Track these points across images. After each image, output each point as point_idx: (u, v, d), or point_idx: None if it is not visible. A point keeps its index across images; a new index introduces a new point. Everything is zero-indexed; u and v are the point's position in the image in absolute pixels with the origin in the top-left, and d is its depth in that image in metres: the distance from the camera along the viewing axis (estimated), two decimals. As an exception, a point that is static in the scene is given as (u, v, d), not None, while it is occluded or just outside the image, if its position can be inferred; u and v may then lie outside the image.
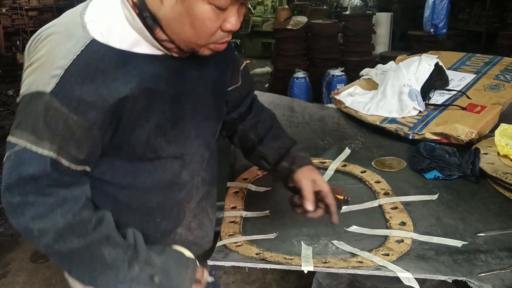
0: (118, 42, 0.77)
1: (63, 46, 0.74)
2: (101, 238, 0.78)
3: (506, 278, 0.88)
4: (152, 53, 0.81)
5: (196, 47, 0.81)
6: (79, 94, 0.73)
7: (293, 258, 0.96)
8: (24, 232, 0.76)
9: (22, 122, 0.74)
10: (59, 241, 0.75)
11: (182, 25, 0.76)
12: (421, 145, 1.43)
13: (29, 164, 0.72)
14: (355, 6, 5.61)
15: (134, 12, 0.77)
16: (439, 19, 5.09)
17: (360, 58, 5.29)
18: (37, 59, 0.76)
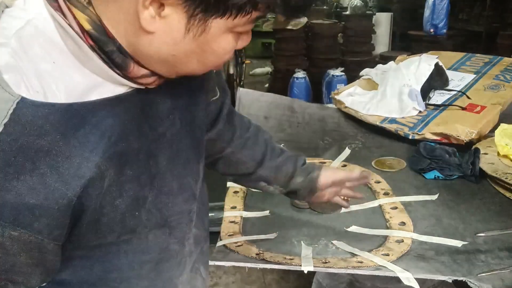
0: (63, 93, 0.49)
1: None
2: None
3: (506, 278, 0.88)
4: (113, 94, 0.54)
5: (194, 74, 0.59)
6: (15, 199, 0.45)
7: (293, 258, 0.96)
8: None
9: None
10: None
11: (188, 61, 0.55)
12: (421, 145, 1.43)
13: None
14: (355, 6, 5.61)
15: (87, 46, 0.49)
16: (439, 19, 5.09)
17: (360, 58, 5.29)
18: None
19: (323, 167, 0.97)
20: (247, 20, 0.51)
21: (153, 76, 0.56)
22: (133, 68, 0.53)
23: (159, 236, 0.64)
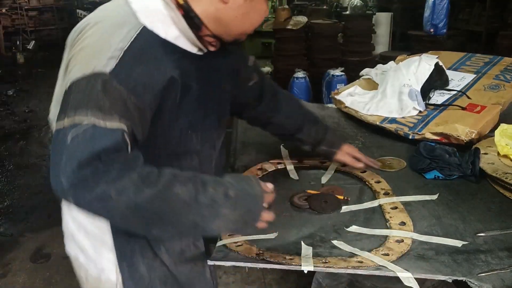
0: (163, 33, 0.84)
1: (117, 31, 0.80)
2: (169, 180, 0.77)
3: (506, 278, 0.88)
4: (188, 49, 0.89)
5: (242, 37, 0.94)
6: (136, 76, 0.78)
7: (293, 258, 0.96)
8: (98, 200, 0.73)
9: (82, 103, 0.74)
10: (138, 194, 0.73)
11: (243, 21, 0.89)
12: (421, 145, 1.43)
13: (102, 138, 0.73)
14: (355, 6, 5.61)
15: (179, 13, 0.85)
16: (439, 19, 5.09)
17: (360, 58, 5.29)
18: (90, 45, 0.81)
19: (345, 145, 1.32)
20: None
21: (213, 38, 0.90)
22: (203, 29, 0.87)
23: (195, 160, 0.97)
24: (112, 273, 0.96)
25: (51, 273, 2.55)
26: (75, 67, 0.79)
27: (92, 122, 0.73)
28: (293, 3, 8.55)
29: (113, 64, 0.76)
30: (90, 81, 0.75)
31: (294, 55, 5.24)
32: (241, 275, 2.44)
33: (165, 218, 0.78)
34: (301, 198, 1.24)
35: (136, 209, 0.75)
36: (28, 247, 2.81)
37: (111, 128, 0.74)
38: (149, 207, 0.75)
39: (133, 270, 0.95)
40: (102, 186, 0.72)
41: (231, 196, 0.81)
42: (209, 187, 0.80)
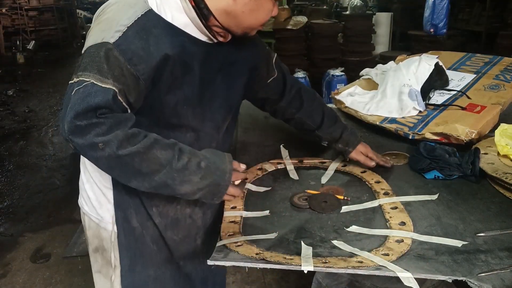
0: (170, 17, 0.96)
1: (128, 10, 0.93)
2: (151, 143, 0.92)
3: (506, 278, 0.88)
4: (198, 36, 1.00)
5: (250, 31, 1.03)
6: (134, 48, 0.91)
7: (293, 258, 0.96)
8: (89, 147, 0.89)
9: (88, 65, 0.89)
10: (120, 148, 0.89)
11: (250, 16, 0.98)
12: (421, 145, 1.43)
13: (96, 95, 0.88)
14: (355, 6, 5.62)
15: (190, 4, 0.96)
16: (439, 19, 5.10)
17: (360, 58, 5.30)
18: (105, 20, 0.95)
19: (360, 145, 1.36)
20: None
21: (221, 29, 0.99)
22: (212, 20, 0.97)
23: (191, 136, 1.07)
24: (109, 223, 1.10)
25: (51, 273, 2.55)
26: (90, 38, 0.94)
27: (92, 81, 0.88)
28: (293, 3, 8.56)
29: (117, 36, 0.90)
30: (97, 49, 0.90)
31: (294, 55, 5.25)
32: (241, 275, 2.44)
33: (141, 173, 0.92)
34: (301, 198, 1.24)
35: (118, 160, 0.90)
36: (28, 247, 2.81)
37: (105, 87, 0.89)
38: (129, 162, 0.91)
39: (126, 222, 1.08)
40: (92, 136, 0.88)
41: (202, 167, 0.96)
42: (185, 156, 0.95)
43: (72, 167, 4.04)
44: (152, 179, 0.93)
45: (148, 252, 1.11)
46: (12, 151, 4.48)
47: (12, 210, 3.30)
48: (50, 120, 5.46)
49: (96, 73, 0.89)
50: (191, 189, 0.96)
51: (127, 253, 1.10)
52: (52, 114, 5.70)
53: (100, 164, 0.94)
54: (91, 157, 0.92)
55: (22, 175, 3.91)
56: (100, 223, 1.12)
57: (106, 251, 1.12)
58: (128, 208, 1.07)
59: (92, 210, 1.12)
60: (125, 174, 0.94)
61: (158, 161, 0.92)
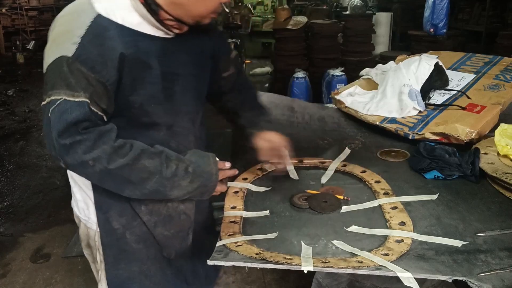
0: (120, 19, 0.96)
1: (76, 20, 0.94)
2: (138, 154, 0.96)
3: (506, 278, 0.88)
4: (152, 33, 1.00)
5: (202, 19, 1.01)
6: (93, 56, 0.92)
7: (293, 258, 0.96)
8: (80, 166, 0.92)
9: (55, 83, 0.91)
10: (111, 162, 0.93)
11: (197, 5, 0.97)
12: (421, 145, 1.43)
13: (72, 110, 0.90)
14: (355, 6, 5.61)
15: (139, 1, 0.96)
16: (439, 19, 5.09)
17: (360, 58, 5.30)
18: (57, 34, 0.95)
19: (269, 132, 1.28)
20: None
21: (174, 21, 0.98)
22: (162, 13, 0.96)
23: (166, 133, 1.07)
24: (94, 224, 1.13)
25: (51, 273, 2.55)
26: (48, 54, 0.94)
27: (64, 97, 0.90)
28: (293, 3, 8.56)
29: (74, 48, 0.91)
30: (58, 65, 0.91)
31: (294, 55, 5.24)
32: (241, 275, 2.44)
33: (132, 183, 0.97)
34: (301, 198, 1.24)
35: (109, 174, 0.94)
36: (28, 247, 2.81)
37: (79, 100, 0.91)
38: (120, 174, 0.95)
39: (107, 223, 1.10)
40: (80, 154, 0.91)
41: (190, 172, 1.01)
42: (173, 163, 1.00)
43: (72, 167, 4.05)
44: (143, 187, 0.97)
45: (131, 251, 1.13)
46: (12, 151, 4.48)
47: (12, 210, 3.30)
48: (50, 120, 5.46)
49: (66, 88, 0.90)
50: (182, 193, 1.02)
51: (110, 251, 1.13)
52: (52, 114, 5.70)
53: (92, 179, 0.98)
54: (82, 173, 0.96)
55: (22, 175, 3.91)
56: (86, 223, 1.16)
57: (93, 248, 1.18)
58: (109, 211, 1.09)
59: (80, 212, 1.16)
60: (117, 186, 0.98)
61: (147, 170, 0.96)
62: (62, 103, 0.90)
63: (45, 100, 0.92)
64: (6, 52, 9.45)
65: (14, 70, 8.21)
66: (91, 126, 0.93)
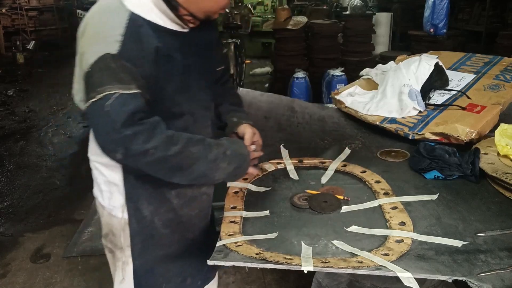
0: (147, 15, 1.03)
1: (113, 19, 1.00)
2: (186, 142, 1.03)
3: (506, 278, 0.88)
4: (171, 28, 1.08)
5: (212, 14, 1.10)
6: (135, 53, 0.98)
7: (293, 258, 0.96)
8: (141, 155, 0.97)
9: (105, 80, 0.95)
10: (167, 150, 0.99)
11: (210, 1, 1.06)
12: (421, 145, 1.43)
13: (129, 103, 0.95)
14: (355, 6, 5.61)
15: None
16: (439, 19, 5.09)
17: (360, 58, 5.30)
18: (95, 33, 1.01)
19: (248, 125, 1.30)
20: None
21: (190, 16, 1.06)
22: (180, 9, 1.04)
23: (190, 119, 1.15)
24: (119, 212, 1.19)
25: (51, 273, 2.55)
26: (87, 54, 0.98)
27: (118, 91, 0.94)
28: (293, 3, 8.56)
29: (118, 46, 0.96)
30: (104, 62, 0.95)
31: (294, 55, 5.24)
32: (241, 275, 2.44)
33: (183, 169, 1.04)
34: (301, 198, 1.24)
35: (165, 162, 1.01)
36: (28, 247, 2.81)
37: (133, 92, 0.96)
38: (174, 161, 1.01)
39: (137, 211, 1.17)
40: (141, 143, 0.96)
41: (228, 155, 1.09)
42: (213, 148, 1.07)
43: (72, 167, 4.05)
44: (192, 172, 1.05)
45: (158, 236, 1.21)
46: (12, 151, 4.48)
47: (12, 210, 3.30)
48: (50, 120, 5.46)
49: (118, 83, 0.95)
50: (222, 175, 1.10)
51: (138, 238, 1.19)
52: (52, 114, 5.69)
53: (148, 168, 1.02)
54: (142, 163, 1.00)
55: (22, 175, 3.91)
56: (111, 211, 1.21)
57: (115, 236, 1.23)
58: (139, 200, 1.16)
59: (104, 201, 1.22)
60: (169, 173, 1.04)
61: (195, 156, 1.04)
62: (119, 96, 0.94)
63: (95, 97, 0.95)
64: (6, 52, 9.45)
65: (14, 70, 8.21)
66: (144, 117, 0.98)
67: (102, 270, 2.52)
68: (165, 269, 1.24)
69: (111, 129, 0.95)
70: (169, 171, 1.04)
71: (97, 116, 0.97)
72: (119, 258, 1.25)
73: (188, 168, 1.04)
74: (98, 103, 0.94)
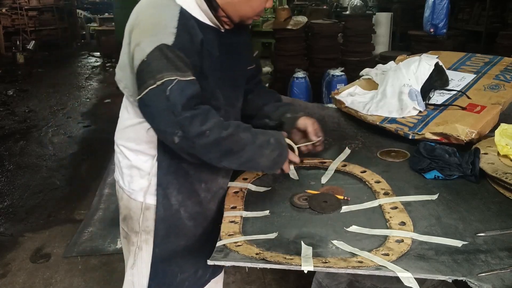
0: (193, 12, 1.10)
1: (166, 12, 1.07)
2: (236, 127, 1.10)
3: (506, 278, 0.88)
4: (211, 25, 1.16)
5: (246, 20, 1.18)
6: (187, 44, 1.06)
7: (293, 258, 0.96)
8: (198, 136, 1.03)
9: (163, 68, 1.02)
10: (221, 133, 1.06)
11: (245, 5, 1.14)
12: (421, 145, 1.43)
13: (188, 88, 1.03)
14: (355, 6, 5.62)
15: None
16: (439, 19, 5.10)
17: (360, 58, 5.30)
18: (148, 26, 1.07)
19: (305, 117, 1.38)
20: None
21: (227, 18, 1.15)
22: (219, 11, 1.13)
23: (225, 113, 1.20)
24: (139, 195, 1.25)
25: (51, 273, 2.55)
26: (143, 44, 1.04)
27: (176, 77, 1.02)
28: (293, 3, 8.57)
29: (173, 37, 1.04)
30: (161, 52, 1.02)
31: (294, 55, 5.24)
32: (241, 275, 2.44)
33: (234, 153, 1.09)
34: (301, 198, 1.24)
35: (218, 144, 1.06)
36: (28, 247, 2.81)
37: (190, 79, 1.04)
38: (226, 144, 1.07)
39: (165, 199, 1.21)
40: (199, 125, 1.03)
41: (272, 143, 1.16)
42: (259, 135, 1.15)
43: (72, 167, 4.05)
44: (241, 156, 1.11)
45: (182, 227, 1.24)
46: (12, 151, 4.48)
47: (12, 210, 3.30)
48: (50, 120, 5.46)
49: (176, 71, 1.02)
50: (266, 161, 1.16)
51: (163, 225, 1.22)
52: (52, 114, 5.70)
53: (203, 151, 1.07)
54: (198, 145, 1.05)
55: (22, 175, 3.91)
56: (130, 195, 1.26)
57: (133, 219, 1.28)
58: (169, 187, 1.20)
59: (125, 184, 1.28)
60: (221, 156, 1.09)
61: (244, 142, 1.10)
62: (178, 82, 1.02)
63: (154, 83, 1.01)
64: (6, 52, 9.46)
65: (14, 70, 8.22)
66: (199, 103, 1.06)
67: (102, 270, 2.52)
68: (182, 260, 1.27)
69: (171, 113, 1.01)
70: (221, 154, 1.08)
71: (157, 101, 1.02)
72: (133, 242, 1.29)
73: (238, 152, 1.09)
74: (157, 88, 1.01)
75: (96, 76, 8.09)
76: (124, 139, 1.26)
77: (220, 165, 1.11)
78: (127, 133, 1.25)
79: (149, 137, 1.19)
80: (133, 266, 1.29)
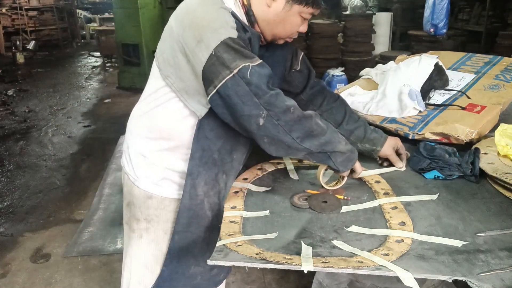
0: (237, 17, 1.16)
1: (221, 11, 1.12)
2: (308, 113, 1.14)
3: (506, 278, 0.88)
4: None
5: (278, 39, 1.25)
6: (243, 39, 1.12)
7: (293, 258, 0.96)
8: (284, 112, 1.08)
9: (236, 57, 1.06)
10: (302, 111, 1.11)
11: (279, 25, 1.20)
12: (421, 145, 1.43)
13: (263, 70, 1.08)
14: (355, 6, 5.62)
15: (242, 10, 1.19)
16: (439, 19, 5.10)
17: (360, 58, 5.31)
18: (208, 22, 1.10)
19: (388, 138, 1.42)
20: (309, 12, 1.19)
21: (261, 35, 1.22)
22: (256, 26, 1.20)
23: None
24: (143, 184, 1.28)
25: (51, 273, 2.55)
26: (207, 39, 1.08)
27: (251, 63, 1.06)
28: (293, 3, 8.54)
29: (235, 31, 1.10)
30: (229, 44, 1.07)
31: (294, 55, 5.24)
32: (241, 275, 2.44)
33: (313, 133, 1.13)
34: (301, 198, 1.24)
35: (300, 122, 1.11)
36: (28, 247, 2.81)
37: (261, 62, 1.09)
38: (307, 124, 1.12)
39: (193, 188, 1.23)
40: (283, 101, 1.08)
41: (343, 138, 1.21)
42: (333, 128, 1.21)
43: (72, 167, 4.05)
44: (320, 138, 1.14)
45: (203, 217, 1.26)
46: (12, 151, 4.49)
47: (12, 210, 3.30)
48: (50, 120, 5.46)
49: (246, 58, 1.07)
50: (343, 148, 1.19)
51: (186, 214, 1.24)
52: (52, 114, 5.70)
53: (286, 127, 1.09)
54: (283, 121, 1.08)
55: (22, 175, 3.92)
56: (134, 182, 1.30)
57: (135, 206, 1.31)
58: (198, 177, 1.23)
59: (130, 170, 1.31)
60: (303, 134, 1.12)
61: (321, 126, 1.15)
62: (254, 66, 1.06)
63: (231, 72, 1.05)
64: (6, 52, 9.46)
65: (14, 70, 8.22)
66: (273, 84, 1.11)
67: (102, 270, 2.52)
68: (199, 252, 1.28)
69: (254, 95, 1.05)
70: (303, 132, 1.11)
71: (237, 89, 1.06)
72: (134, 229, 1.32)
73: (318, 134, 1.13)
74: (236, 76, 1.05)
75: (96, 76, 8.10)
76: (137, 127, 1.29)
77: (302, 145, 1.13)
78: (143, 121, 1.28)
79: (164, 128, 1.24)
80: (132, 253, 1.32)
